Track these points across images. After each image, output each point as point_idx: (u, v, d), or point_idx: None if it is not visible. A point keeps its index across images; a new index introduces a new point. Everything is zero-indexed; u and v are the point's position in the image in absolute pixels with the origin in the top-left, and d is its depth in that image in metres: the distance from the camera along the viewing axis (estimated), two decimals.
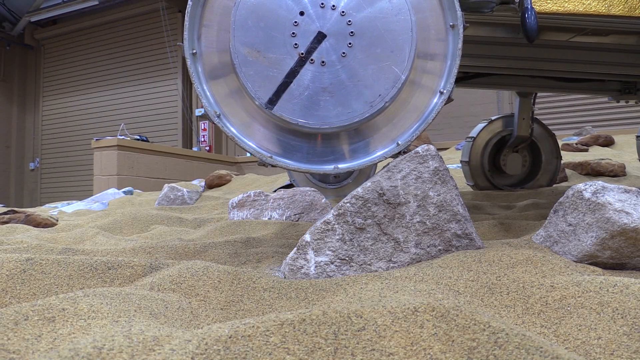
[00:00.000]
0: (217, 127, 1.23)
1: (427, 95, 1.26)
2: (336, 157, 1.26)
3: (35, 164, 13.26)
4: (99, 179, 6.40)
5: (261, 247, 1.48)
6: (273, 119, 1.23)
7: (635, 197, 1.02)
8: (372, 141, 1.26)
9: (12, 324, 0.65)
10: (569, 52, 2.06)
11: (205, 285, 0.96)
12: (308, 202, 2.11)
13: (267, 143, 1.25)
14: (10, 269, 0.96)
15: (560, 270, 0.94)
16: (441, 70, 1.25)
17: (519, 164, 3.04)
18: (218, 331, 0.58)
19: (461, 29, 1.23)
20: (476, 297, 0.86)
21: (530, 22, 1.36)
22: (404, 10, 1.20)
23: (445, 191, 1.13)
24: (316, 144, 1.25)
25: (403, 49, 1.20)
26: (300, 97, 1.19)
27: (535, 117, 2.97)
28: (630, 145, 5.45)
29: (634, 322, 0.69)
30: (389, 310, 0.66)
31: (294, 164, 1.24)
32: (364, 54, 1.20)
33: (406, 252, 1.10)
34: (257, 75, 1.19)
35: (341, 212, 1.10)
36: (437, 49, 1.25)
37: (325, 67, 1.20)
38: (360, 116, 1.20)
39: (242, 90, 1.23)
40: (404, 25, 1.20)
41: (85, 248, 1.45)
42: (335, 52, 1.19)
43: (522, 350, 0.56)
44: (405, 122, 1.26)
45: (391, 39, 1.20)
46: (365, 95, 1.20)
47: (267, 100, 1.18)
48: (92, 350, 0.53)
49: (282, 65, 1.19)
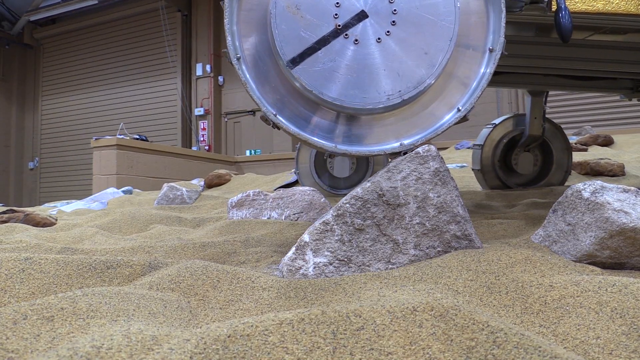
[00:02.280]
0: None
1: (444, 108, 1.25)
2: (332, 136, 1.24)
3: (35, 163, 13.25)
4: (98, 179, 6.40)
5: (260, 246, 1.48)
6: (288, 80, 1.22)
7: (634, 196, 1.02)
8: (370, 134, 1.25)
9: (10, 323, 0.65)
10: (584, 50, 2.06)
11: (204, 284, 0.96)
12: (307, 201, 2.11)
13: (274, 99, 1.23)
14: (9, 268, 0.96)
15: (559, 269, 0.94)
16: (465, 88, 1.25)
17: (530, 163, 3.04)
18: (217, 330, 0.58)
19: (498, 55, 1.22)
20: (475, 296, 0.86)
21: (565, 22, 1.35)
22: (449, 19, 1.19)
23: (446, 192, 1.12)
24: (320, 116, 1.24)
25: (436, 55, 1.19)
26: (323, 66, 1.18)
27: (546, 117, 2.96)
28: (629, 145, 5.46)
29: (633, 321, 0.69)
30: (387, 309, 0.66)
31: (294, 128, 1.22)
32: (399, 46, 1.19)
33: (405, 254, 1.09)
34: (289, 31, 1.17)
35: (340, 212, 1.10)
36: (467, 68, 1.24)
37: (357, 46, 1.18)
38: (373, 104, 1.19)
39: (269, 43, 1.21)
40: (445, 33, 1.19)
41: (84, 247, 1.45)
42: (371, 35, 1.18)
43: (521, 350, 0.56)
44: (412, 127, 1.25)
45: (428, 41, 1.19)
46: (385, 86, 1.19)
47: (291, 59, 1.17)
48: (91, 350, 0.53)
49: (316, 30, 1.18)
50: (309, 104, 1.24)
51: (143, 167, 6.71)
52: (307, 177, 3.21)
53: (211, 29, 11.16)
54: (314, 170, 3.19)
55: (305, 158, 3.22)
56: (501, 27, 1.22)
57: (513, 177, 3.11)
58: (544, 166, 3.08)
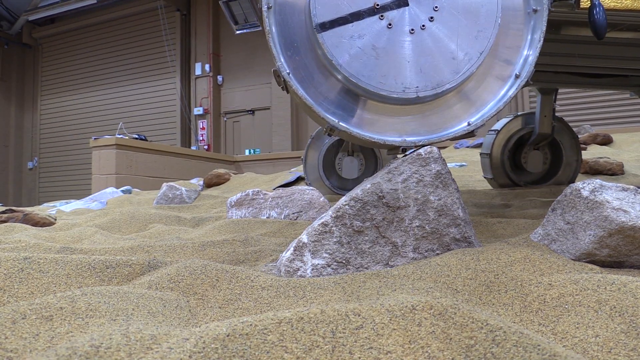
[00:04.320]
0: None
1: (454, 120, 1.23)
2: (337, 111, 1.22)
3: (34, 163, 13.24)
4: (98, 178, 6.40)
5: (259, 245, 1.47)
6: (311, 43, 1.19)
7: (633, 195, 1.02)
8: (376, 121, 1.23)
9: (10, 323, 0.65)
10: (598, 47, 2.06)
11: (203, 283, 0.96)
12: (306, 200, 2.11)
13: (292, 57, 1.20)
14: (8, 267, 0.96)
15: (558, 268, 0.94)
16: (481, 104, 1.22)
17: (540, 161, 3.04)
18: (216, 329, 0.58)
19: (522, 83, 1.20)
20: (474, 295, 0.86)
21: (599, 19, 1.33)
22: (485, 33, 1.17)
23: (446, 195, 1.11)
24: (331, 88, 1.22)
25: (463, 63, 1.17)
26: (350, 40, 1.16)
27: (556, 115, 2.96)
28: (628, 144, 5.46)
29: (632, 320, 0.69)
30: (386, 308, 0.66)
31: (303, 92, 1.20)
32: (430, 43, 1.17)
33: (404, 257, 1.08)
34: None
35: (339, 214, 1.09)
36: (489, 85, 1.21)
37: (389, 31, 1.16)
38: (387, 92, 1.17)
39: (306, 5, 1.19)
40: (478, 45, 1.17)
41: (83, 247, 1.45)
42: (408, 24, 1.16)
43: (520, 348, 0.56)
44: (418, 126, 1.23)
45: (459, 47, 1.17)
46: (404, 78, 1.17)
47: (321, 23, 1.15)
48: (90, 349, 0.53)
49: (354, 2, 1.16)
50: (324, 74, 1.22)
51: (142, 167, 6.71)
52: (316, 179, 3.19)
53: (210, 28, 11.15)
54: (322, 171, 3.16)
55: (314, 159, 3.19)
56: (537, 48, 1.19)
57: (523, 176, 3.11)
58: (553, 164, 3.08)
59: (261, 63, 10.89)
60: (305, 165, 3.20)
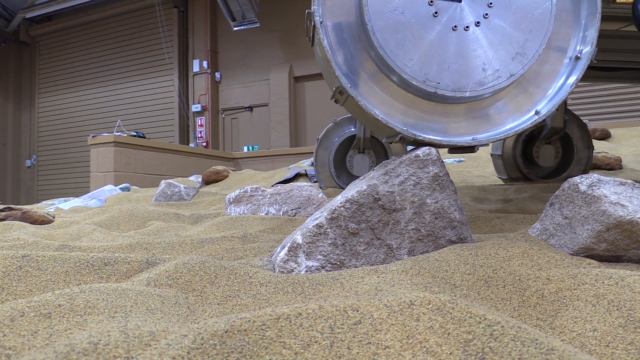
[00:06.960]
0: None
1: (490, 126, 1.20)
2: (352, 79, 1.18)
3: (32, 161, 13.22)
4: (96, 176, 6.39)
5: (258, 242, 1.48)
6: (362, 22, 1.15)
7: (630, 189, 1.02)
8: (386, 104, 1.20)
9: (8, 321, 0.65)
10: (615, 41, 2.05)
11: (202, 280, 0.96)
12: (305, 197, 2.11)
13: (336, 25, 1.16)
14: (6, 265, 0.96)
15: (556, 263, 0.94)
16: (523, 107, 1.19)
17: (551, 155, 3.04)
18: (214, 326, 0.58)
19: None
20: (472, 290, 0.86)
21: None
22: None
23: (443, 198, 1.10)
24: (356, 51, 1.18)
25: (506, 69, 1.14)
26: (392, 12, 1.13)
27: (568, 109, 2.95)
28: (627, 139, 5.47)
29: (630, 314, 0.69)
30: (385, 303, 0.66)
31: (327, 42, 1.16)
32: (470, 47, 1.13)
33: (399, 259, 1.07)
34: None
35: (334, 216, 1.07)
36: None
37: (434, 20, 1.13)
38: (407, 77, 1.14)
39: None
40: (529, 49, 1.14)
41: (82, 245, 1.45)
42: (457, 21, 1.14)
43: (518, 343, 0.56)
44: (460, 129, 1.20)
45: (507, 51, 1.14)
46: (430, 70, 1.14)
47: None
48: (88, 346, 0.53)
49: None
50: (355, 36, 1.17)
51: (140, 164, 6.70)
52: (327, 178, 3.18)
53: (208, 25, 11.12)
54: (333, 169, 3.16)
55: (324, 158, 3.18)
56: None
57: (534, 170, 3.11)
58: (564, 158, 3.08)
59: (259, 60, 10.87)
60: (316, 165, 3.19)
